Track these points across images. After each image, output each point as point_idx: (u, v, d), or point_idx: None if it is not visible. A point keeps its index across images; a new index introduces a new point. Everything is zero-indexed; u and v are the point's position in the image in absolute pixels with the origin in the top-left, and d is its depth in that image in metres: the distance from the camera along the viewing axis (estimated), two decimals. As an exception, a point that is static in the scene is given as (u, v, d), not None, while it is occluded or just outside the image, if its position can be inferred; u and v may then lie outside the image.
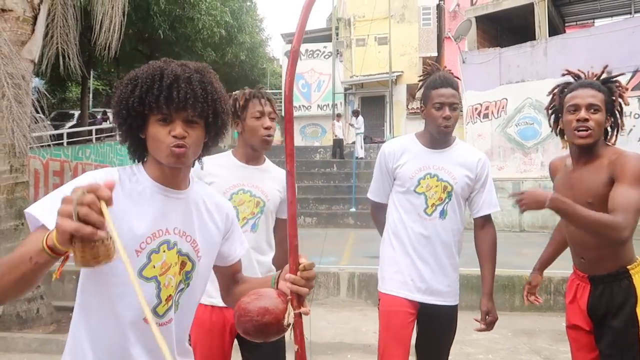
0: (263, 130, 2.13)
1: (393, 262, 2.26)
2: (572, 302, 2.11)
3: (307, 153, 16.87)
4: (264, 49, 25.94)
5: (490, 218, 2.35)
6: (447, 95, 2.16)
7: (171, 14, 13.86)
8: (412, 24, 20.29)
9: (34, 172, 9.69)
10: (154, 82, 1.19)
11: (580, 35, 12.07)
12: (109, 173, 1.26)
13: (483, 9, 14.09)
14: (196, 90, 1.21)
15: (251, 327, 1.18)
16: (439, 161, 2.25)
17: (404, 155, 2.27)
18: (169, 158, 1.21)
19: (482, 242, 2.31)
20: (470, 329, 5.11)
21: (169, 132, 1.20)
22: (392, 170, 2.29)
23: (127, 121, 1.22)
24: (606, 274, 1.98)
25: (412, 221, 2.23)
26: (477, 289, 5.65)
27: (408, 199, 2.25)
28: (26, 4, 4.53)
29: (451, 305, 2.28)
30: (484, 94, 12.58)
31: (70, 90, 23.48)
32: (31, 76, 4.71)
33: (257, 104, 2.14)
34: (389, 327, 2.19)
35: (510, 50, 12.33)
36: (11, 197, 4.54)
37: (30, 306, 4.55)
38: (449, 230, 2.25)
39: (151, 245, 1.24)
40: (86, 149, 11.99)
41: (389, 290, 2.24)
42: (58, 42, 5.20)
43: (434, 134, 2.23)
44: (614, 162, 1.92)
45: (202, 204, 1.37)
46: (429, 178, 2.23)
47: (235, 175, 2.15)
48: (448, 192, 2.23)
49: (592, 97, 1.97)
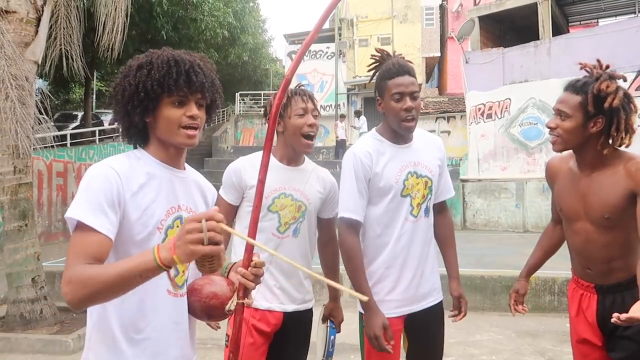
0: (307, 128, 2.03)
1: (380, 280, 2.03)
2: (577, 315, 1.98)
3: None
4: (266, 50, 25.97)
5: (446, 203, 2.24)
6: (405, 84, 1.95)
7: (174, 15, 13.88)
8: (414, 24, 20.27)
9: (37, 173, 9.71)
10: (170, 66, 1.29)
11: (584, 34, 12.03)
12: (120, 162, 1.32)
13: (486, 9, 14.06)
14: (207, 76, 1.34)
15: (198, 306, 1.33)
16: (412, 156, 2.06)
17: (380, 158, 2.02)
18: (184, 138, 1.33)
19: (443, 227, 2.21)
20: (474, 330, 5.09)
21: (183, 113, 1.31)
22: (371, 179, 2.00)
23: (142, 104, 1.30)
24: (616, 284, 1.86)
25: (400, 228, 2.01)
26: (480, 289, 5.66)
27: (394, 206, 2.01)
28: (30, 5, 4.54)
29: (438, 303, 2.15)
30: (487, 94, 12.55)
31: (73, 91, 23.54)
32: (34, 77, 4.72)
33: (299, 101, 2.04)
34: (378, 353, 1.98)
35: (513, 50, 12.30)
36: (15, 198, 4.55)
37: (34, 307, 4.56)
38: (429, 226, 2.11)
39: (167, 222, 1.34)
40: (90, 150, 12.02)
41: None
42: (61, 43, 5.22)
43: (397, 128, 2.01)
44: (635, 176, 1.75)
45: (195, 184, 1.48)
46: (411, 177, 2.03)
47: (277, 178, 2.03)
48: (429, 187, 2.07)
49: (562, 102, 1.84)
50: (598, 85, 1.77)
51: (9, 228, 4.55)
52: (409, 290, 2.03)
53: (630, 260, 1.85)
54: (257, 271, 1.31)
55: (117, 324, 1.31)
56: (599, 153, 1.84)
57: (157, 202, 1.33)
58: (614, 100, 1.75)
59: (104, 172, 1.26)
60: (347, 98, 20.31)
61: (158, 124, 1.33)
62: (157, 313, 1.35)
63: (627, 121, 1.81)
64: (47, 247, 7.92)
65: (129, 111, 1.32)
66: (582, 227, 1.91)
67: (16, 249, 4.53)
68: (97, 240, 1.21)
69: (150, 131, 1.37)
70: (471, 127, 13.08)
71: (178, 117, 1.31)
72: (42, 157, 9.96)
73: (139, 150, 1.39)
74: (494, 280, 5.64)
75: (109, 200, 1.24)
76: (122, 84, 1.33)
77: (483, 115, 12.74)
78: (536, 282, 5.35)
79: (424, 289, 2.08)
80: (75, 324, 4.65)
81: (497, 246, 8.78)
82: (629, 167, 1.79)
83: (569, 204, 1.94)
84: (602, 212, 1.82)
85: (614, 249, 1.86)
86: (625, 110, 1.80)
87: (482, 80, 12.62)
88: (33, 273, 4.59)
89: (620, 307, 1.81)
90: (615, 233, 1.84)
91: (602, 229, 1.85)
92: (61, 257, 7.04)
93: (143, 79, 1.29)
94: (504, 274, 5.74)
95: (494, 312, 5.45)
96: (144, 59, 1.33)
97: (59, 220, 10.14)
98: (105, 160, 1.31)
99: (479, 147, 12.72)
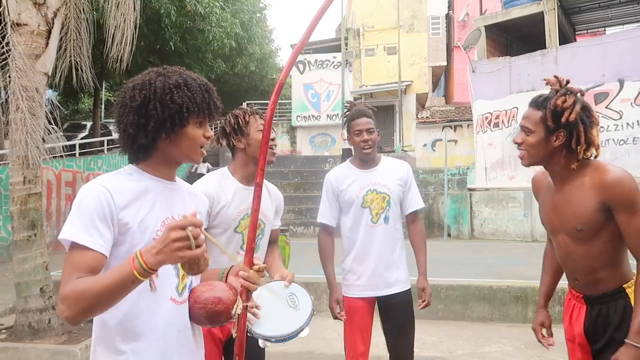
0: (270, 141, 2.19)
1: (350, 270, 2.73)
2: (569, 325, 2.02)
3: (316, 163, 16.88)
4: (273, 60, 26.11)
5: (417, 214, 2.86)
6: (363, 123, 2.67)
7: (182, 26, 14.01)
8: (421, 33, 20.31)
9: (46, 183, 9.80)
10: (203, 91, 1.41)
11: (592, 43, 12.00)
12: (110, 179, 1.36)
13: (492, 18, 14.09)
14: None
15: (203, 313, 1.36)
16: (373, 178, 2.73)
17: (345, 180, 2.75)
18: (199, 155, 1.45)
19: (414, 234, 2.85)
20: (483, 342, 5.05)
21: (202, 133, 1.42)
22: (337, 194, 2.75)
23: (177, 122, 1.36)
24: (602, 294, 1.87)
25: (363, 231, 2.70)
26: (489, 300, 5.61)
27: (357, 214, 2.71)
28: (40, 18, 4.61)
29: (404, 291, 2.72)
30: (494, 103, 12.53)
31: (82, 101, 23.78)
32: (45, 89, 4.77)
33: (258, 119, 2.28)
34: (352, 321, 2.68)
35: (520, 59, 12.29)
36: (24, 208, 4.58)
37: (42, 317, 4.57)
38: (393, 231, 2.73)
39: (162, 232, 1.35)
40: (98, 160, 12.12)
41: (350, 294, 2.72)
42: (71, 55, 5.27)
43: (360, 156, 2.73)
44: (603, 188, 1.76)
45: (188, 194, 1.56)
46: (370, 193, 2.71)
47: (242, 201, 2.22)
48: (387, 201, 2.72)
49: (526, 118, 1.91)
50: (554, 101, 1.82)
51: (18, 238, 4.58)
52: (372, 279, 2.69)
53: (615, 271, 1.86)
54: (261, 274, 1.38)
55: (119, 335, 1.32)
56: (565, 166, 1.87)
57: (151, 213, 1.37)
58: (571, 115, 1.79)
59: (94, 191, 1.30)
60: (354, 107, 20.31)
61: (179, 142, 1.40)
62: (160, 322, 1.36)
63: (586, 134, 1.82)
64: (55, 257, 7.94)
65: (164, 126, 1.35)
66: (562, 239, 1.94)
67: (25, 259, 4.56)
68: (91, 258, 1.25)
69: (160, 147, 1.40)
70: (478, 136, 13.04)
71: (199, 136, 1.42)
72: (52, 167, 10.06)
73: (129, 167, 1.43)
74: (502, 290, 5.59)
75: (101, 217, 1.27)
76: (159, 100, 1.34)
77: (490, 124, 12.71)
78: (545, 293, 5.29)
79: (389, 279, 2.70)
80: (82, 334, 4.66)
81: (505, 256, 8.71)
82: (594, 179, 1.80)
83: (548, 217, 1.98)
84: (574, 224, 1.84)
85: (594, 260, 1.86)
86: (585, 124, 1.82)
87: (489, 89, 12.60)
88: (41, 283, 4.60)
89: (605, 318, 1.85)
90: (592, 244, 1.84)
91: (578, 241, 1.87)
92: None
93: (186, 100, 1.36)
94: (512, 284, 5.69)
95: (502, 322, 5.40)
96: (179, 78, 1.38)
97: (67, 229, 10.18)
98: (96, 179, 1.35)
99: (486, 156, 12.67)
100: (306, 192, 14.19)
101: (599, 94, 10.41)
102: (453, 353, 4.39)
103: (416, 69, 19.79)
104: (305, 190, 14.36)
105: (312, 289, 4.90)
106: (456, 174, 14.01)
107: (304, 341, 4.65)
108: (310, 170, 15.77)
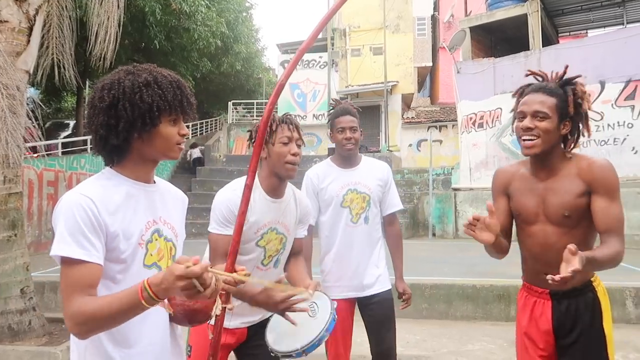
0: (290, 156, 2.08)
1: (330, 272, 2.70)
2: (530, 322, 1.99)
3: (302, 162, 16.43)
4: (259, 59, 26.04)
5: (396, 216, 2.84)
6: (346, 121, 2.64)
7: (167, 25, 13.90)
8: (406, 34, 20.43)
9: (27, 182, 9.64)
10: (175, 88, 1.37)
11: (574, 45, 12.19)
12: (91, 187, 1.33)
13: (477, 20, 14.22)
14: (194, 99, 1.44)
15: (181, 310, 1.35)
16: (354, 177, 2.70)
17: (326, 178, 2.70)
18: (177, 153, 1.41)
19: (391, 236, 2.84)
20: (466, 340, 5.10)
21: (177, 131, 1.39)
22: (317, 192, 2.70)
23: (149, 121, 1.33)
24: (571, 289, 1.86)
25: (342, 231, 2.66)
26: (472, 298, 5.66)
27: (336, 214, 2.67)
28: (22, 15, 4.53)
29: (383, 291, 2.70)
30: (478, 103, 12.65)
31: (65, 100, 23.46)
32: (26, 87, 4.69)
33: (285, 129, 2.10)
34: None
35: (504, 60, 12.43)
36: (4, 208, 4.50)
37: (22, 318, 4.50)
38: (372, 231, 2.71)
39: (146, 236, 1.38)
40: (81, 159, 11.94)
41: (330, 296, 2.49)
42: (53, 52, 5.20)
43: (342, 153, 2.70)
44: (590, 172, 1.82)
45: (169, 193, 1.53)
46: (351, 193, 2.67)
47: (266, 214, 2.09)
48: (367, 201, 2.68)
49: (540, 103, 1.83)
50: (579, 89, 1.86)
51: (-2, 238, 4.50)
52: (353, 280, 2.66)
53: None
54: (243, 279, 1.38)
55: (109, 341, 1.32)
56: (561, 155, 1.90)
57: (135, 219, 1.36)
58: (588, 104, 1.85)
59: (78, 201, 1.27)
60: (340, 107, 20.35)
61: (153, 141, 1.36)
62: (151, 328, 1.37)
63: (586, 126, 1.91)
64: (36, 257, 7.83)
65: (134, 126, 1.32)
66: (541, 229, 1.93)
67: (5, 260, 4.48)
68: (88, 271, 1.24)
69: (134, 147, 1.36)
70: (463, 136, 13.17)
71: (174, 134, 1.38)
72: (33, 166, 9.89)
73: (107, 171, 1.40)
74: (485, 289, 5.65)
75: (89, 227, 1.26)
76: (129, 99, 1.31)
77: (474, 125, 12.83)
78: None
79: (368, 281, 2.67)
80: (64, 335, 4.60)
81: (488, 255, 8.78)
82: (582, 165, 1.86)
83: (528, 207, 1.95)
84: (561, 210, 1.85)
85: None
86: (587, 116, 1.90)
87: (474, 90, 12.72)
88: (22, 284, 4.53)
89: (575, 312, 1.88)
90: (574, 233, 1.85)
91: (561, 230, 1.87)
92: (51, 267, 6.96)
93: (156, 98, 1.32)
94: (495, 282, 5.75)
95: (486, 321, 5.46)
96: (149, 77, 1.34)
97: (49, 229, 10.04)
98: (76, 189, 1.32)
99: (471, 156, 12.79)
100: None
101: (581, 96, 10.57)
102: (437, 351, 4.42)
103: (402, 70, 19.90)
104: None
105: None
106: (441, 173, 14.12)
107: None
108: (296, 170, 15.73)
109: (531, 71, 1.99)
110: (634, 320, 5.31)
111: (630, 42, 10.45)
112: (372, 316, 2.69)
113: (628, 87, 10.40)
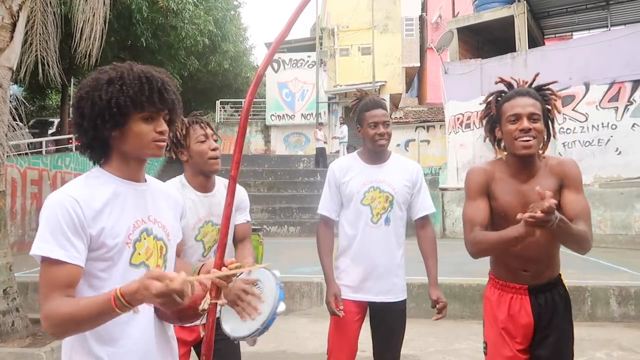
0: (211, 152, 2.19)
1: (345, 270, 2.55)
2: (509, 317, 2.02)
3: (290, 162, 16.85)
4: (247, 58, 25.93)
5: (428, 219, 2.66)
6: (379, 115, 2.48)
7: (154, 22, 13.76)
8: (395, 34, 20.51)
9: (11, 181, 9.49)
10: (142, 83, 1.30)
11: (559, 47, 12.33)
12: (77, 186, 1.32)
13: (464, 21, 14.31)
14: (175, 94, 1.39)
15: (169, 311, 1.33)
16: (379, 175, 2.54)
17: (349, 172, 2.56)
18: (155, 150, 1.36)
19: (424, 241, 2.63)
20: (453, 339, 5.11)
21: (153, 128, 1.34)
22: (339, 186, 2.57)
23: (113, 119, 1.29)
24: (547, 283, 2.01)
25: (361, 231, 2.51)
26: (460, 297, 5.69)
27: (356, 211, 2.52)
28: (4, 10, 4.45)
29: (398, 301, 2.55)
30: (465, 104, 12.74)
31: (50, 97, 23.13)
32: (9, 84, 4.61)
33: (198, 128, 2.19)
34: (337, 324, 2.51)
35: (491, 61, 12.54)
36: (-13, 207, 4.42)
37: (5, 319, 4.42)
38: (393, 235, 2.54)
39: (134, 235, 1.35)
40: (66, 158, 11.78)
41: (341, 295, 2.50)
42: (37, 49, 5.13)
43: (372, 149, 2.53)
44: (561, 169, 1.97)
45: (161, 193, 1.51)
46: (373, 190, 2.52)
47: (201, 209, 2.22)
48: (390, 201, 2.52)
49: (532, 106, 1.92)
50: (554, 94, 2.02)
51: (-20, 238, 4.42)
52: (366, 282, 2.50)
53: (556, 258, 2.04)
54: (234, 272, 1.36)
55: (95, 340, 1.31)
56: (539, 157, 2.01)
57: (122, 218, 1.34)
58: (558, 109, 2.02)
59: (62, 202, 1.27)
60: (328, 107, 20.39)
61: (127, 139, 1.34)
62: (136, 326, 1.35)
63: (553, 129, 2.04)
64: (20, 257, 7.71)
65: (97, 125, 1.31)
66: None
67: (-13, 259, 4.40)
68: (67, 272, 1.24)
69: (113, 146, 1.36)
70: (450, 136, 13.25)
71: (148, 132, 1.34)
72: (16, 165, 9.74)
73: (97, 170, 1.39)
74: (472, 288, 5.69)
75: (71, 228, 1.25)
76: (90, 98, 1.31)
77: (462, 125, 12.92)
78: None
79: (384, 286, 2.51)
80: (48, 336, 4.52)
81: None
82: (552, 164, 2.00)
83: (515, 208, 1.94)
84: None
85: (554, 245, 1.99)
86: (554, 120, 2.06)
87: (461, 91, 12.81)
88: (5, 284, 4.45)
89: (552, 305, 2.00)
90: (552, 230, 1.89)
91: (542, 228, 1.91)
92: (35, 268, 6.85)
93: (115, 94, 1.28)
94: (482, 282, 5.75)
95: (473, 320, 5.49)
96: (113, 73, 1.32)
97: (33, 229, 9.89)
98: (62, 188, 1.32)
99: (458, 156, 12.88)
100: (280, 192, 14.14)
101: (566, 97, 10.69)
102: (424, 350, 4.44)
103: (390, 70, 19.97)
104: (279, 190, 14.30)
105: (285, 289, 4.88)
106: (428, 173, 14.19)
107: (277, 340, 4.64)
108: (284, 170, 15.74)
109: (501, 78, 2.09)
110: (618, 319, 5.39)
111: (614, 44, 10.60)
112: (384, 324, 2.54)
113: (612, 88, 10.55)
